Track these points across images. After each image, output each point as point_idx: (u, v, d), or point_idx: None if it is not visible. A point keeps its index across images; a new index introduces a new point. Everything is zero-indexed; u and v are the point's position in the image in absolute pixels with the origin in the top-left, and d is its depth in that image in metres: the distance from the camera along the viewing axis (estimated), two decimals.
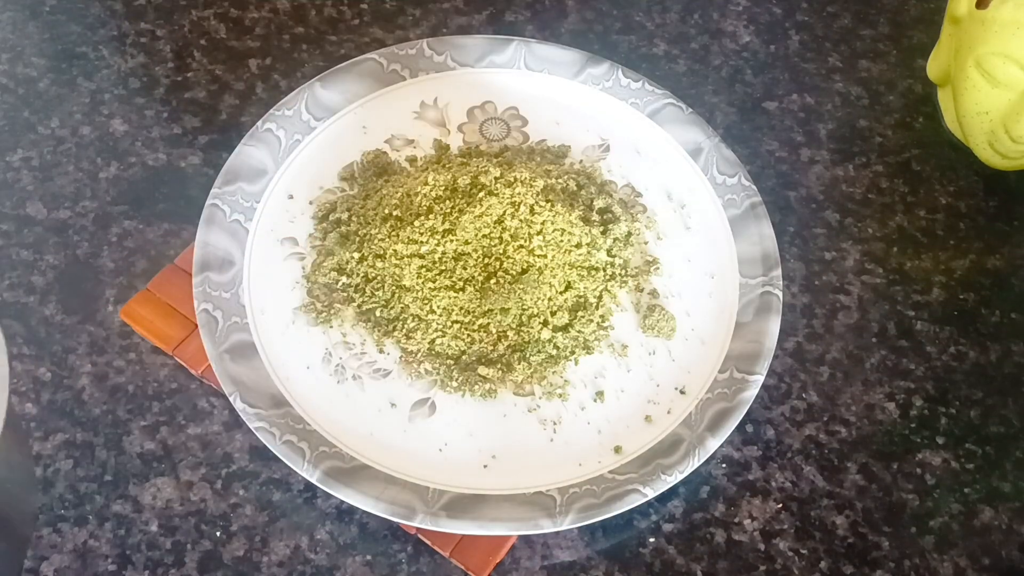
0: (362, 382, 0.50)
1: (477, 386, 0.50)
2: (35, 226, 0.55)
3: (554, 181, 0.54)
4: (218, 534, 0.47)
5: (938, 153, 0.62)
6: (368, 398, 0.50)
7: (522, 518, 0.46)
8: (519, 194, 0.52)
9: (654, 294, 0.54)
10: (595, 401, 0.50)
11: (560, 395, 0.50)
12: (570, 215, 0.52)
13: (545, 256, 0.52)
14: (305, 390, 0.49)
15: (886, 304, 0.56)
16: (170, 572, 0.46)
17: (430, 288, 0.51)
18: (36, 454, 0.49)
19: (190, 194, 0.56)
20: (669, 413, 0.50)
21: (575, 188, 0.55)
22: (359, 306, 0.52)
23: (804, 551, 0.49)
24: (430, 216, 0.52)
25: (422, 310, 0.51)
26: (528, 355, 0.50)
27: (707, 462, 0.49)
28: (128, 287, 0.53)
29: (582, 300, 0.52)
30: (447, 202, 0.52)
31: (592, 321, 0.52)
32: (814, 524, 0.49)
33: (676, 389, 0.51)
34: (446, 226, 0.51)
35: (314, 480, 0.46)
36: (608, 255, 0.54)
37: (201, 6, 0.64)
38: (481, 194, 0.52)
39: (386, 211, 0.53)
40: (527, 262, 0.52)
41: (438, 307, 0.51)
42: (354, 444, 0.48)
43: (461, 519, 0.46)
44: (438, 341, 0.50)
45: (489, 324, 0.51)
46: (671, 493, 0.49)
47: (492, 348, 0.51)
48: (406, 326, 0.51)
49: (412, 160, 0.57)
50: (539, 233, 0.52)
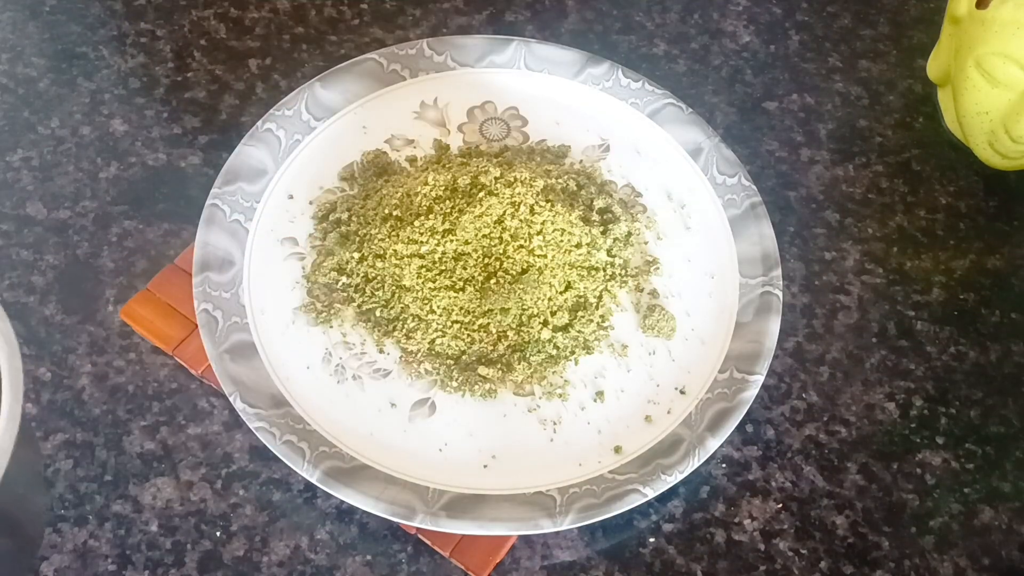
0: (362, 382, 0.50)
1: (477, 386, 0.50)
2: (35, 226, 0.55)
3: (554, 181, 0.54)
4: (218, 534, 0.47)
5: (938, 153, 0.62)
6: (368, 398, 0.50)
7: (522, 518, 0.46)
8: (519, 194, 0.52)
9: (654, 294, 0.54)
10: (595, 401, 0.50)
11: (560, 395, 0.50)
12: (570, 215, 0.52)
13: (545, 256, 0.52)
14: (305, 390, 0.49)
15: (886, 304, 0.56)
16: (170, 572, 0.46)
17: (430, 288, 0.51)
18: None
19: (190, 194, 0.56)
20: (669, 413, 0.50)
21: (575, 188, 0.55)
22: (359, 306, 0.52)
23: (804, 551, 0.49)
24: (430, 216, 0.52)
25: (422, 310, 0.51)
26: (528, 355, 0.50)
27: (707, 462, 0.49)
28: (128, 287, 0.53)
29: (582, 300, 0.52)
30: (447, 202, 0.52)
31: (592, 321, 0.52)
32: (814, 524, 0.49)
33: (676, 389, 0.51)
34: (446, 226, 0.51)
35: (314, 480, 0.46)
36: (608, 255, 0.54)
37: (201, 6, 0.64)
38: (481, 194, 0.52)
39: (386, 211, 0.53)
40: (527, 262, 0.52)
41: (438, 307, 0.51)
42: (354, 444, 0.48)
43: (461, 519, 0.46)
44: (438, 341, 0.50)
45: (489, 324, 0.51)
46: (671, 493, 0.49)
47: (492, 348, 0.51)
48: (406, 326, 0.51)
49: (412, 160, 0.57)
50: (539, 233, 0.52)
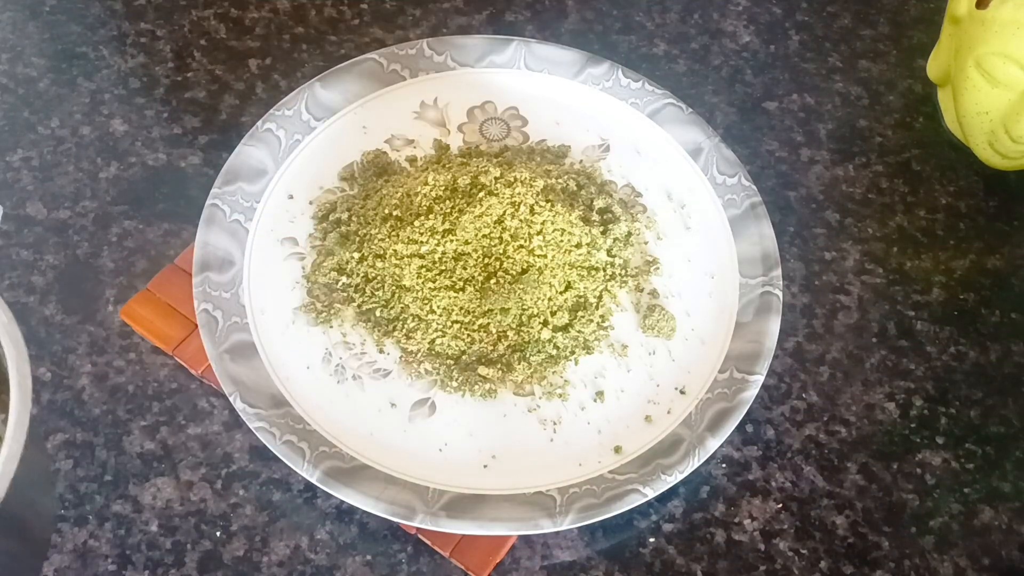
0: (362, 382, 0.50)
1: (477, 386, 0.50)
2: (35, 226, 0.55)
3: (554, 181, 0.54)
4: (218, 534, 0.47)
5: (938, 153, 0.62)
6: (368, 398, 0.50)
7: (522, 518, 0.46)
8: (519, 194, 0.52)
9: (654, 294, 0.54)
10: (595, 401, 0.50)
11: (560, 395, 0.50)
12: (570, 215, 0.52)
13: (545, 256, 0.52)
14: (305, 390, 0.49)
15: (886, 304, 0.56)
16: (170, 572, 0.46)
17: (430, 288, 0.51)
18: None
19: (190, 194, 0.56)
20: (669, 413, 0.50)
21: (575, 188, 0.55)
22: (359, 306, 0.52)
23: (804, 551, 0.49)
24: (430, 216, 0.52)
25: (422, 310, 0.51)
26: (528, 355, 0.50)
27: (707, 462, 0.49)
28: (128, 287, 0.53)
29: (582, 300, 0.52)
30: (447, 202, 0.52)
31: (592, 321, 0.52)
32: (814, 524, 0.49)
33: (676, 389, 0.51)
34: (446, 226, 0.51)
35: (314, 480, 0.46)
36: (608, 255, 0.54)
37: (201, 6, 0.64)
38: (481, 194, 0.52)
39: (386, 211, 0.53)
40: (527, 262, 0.52)
41: (438, 307, 0.51)
42: (354, 444, 0.48)
43: (461, 519, 0.46)
44: (438, 341, 0.50)
45: (489, 324, 0.51)
46: (671, 493, 0.49)
47: (492, 348, 0.51)
48: (406, 326, 0.51)
49: (412, 160, 0.57)
50: (539, 233, 0.52)
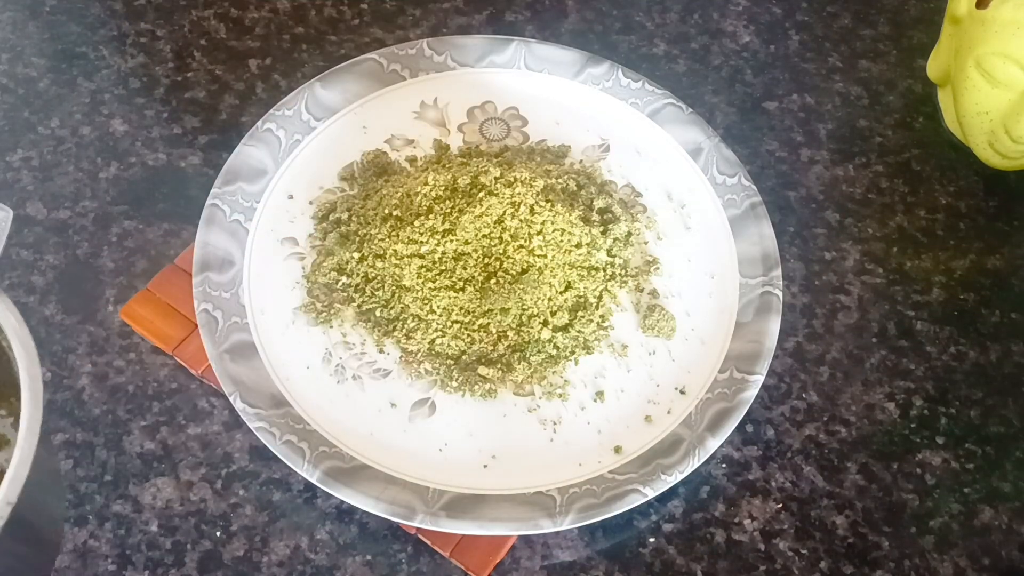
0: (362, 382, 0.50)
1: (477, 386, 0.50)
2: (35, 226, 0.55)
3: (554, 181, 0.54)
4: (218, 534, 0.47)
5: (938, 153, 0.62)
6: (368, 398, 0.50)
7: (522, 518, 0.46)
8: (519, 194, 0.52)
9: (654, 294, 0.54)
10: (595, 401, 0.50)
11: (560, 395, 0.50)
12: (570, 215, 0.52)
13: (545, 256, 0.52)
14: (305, 390, 0.49)
15: (886, 304, 0.56)
16: (170, 572, 0.46)
17: (430, 288, 0.51)
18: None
19: (190, 194, 0.56)
20: (669, 413, 0.50)
21: (575, 188, 0.55)
22: (359, 306, 0.52)
23: (804, 551, 0.49)
24: (430, 216, 0.52)
25: (422, 310, 0.51)
26: (528, 355, 0.50)
27: (707, 462, 0.49)
28: (128, 287, 0.53)
29: (582, 300, 0.52)
30: (447, 202, 0.52)
31: (592, 321, 0.52)
32: (814, 524, 0.49)
33: (676, 389, 0.51)
34: (446, 226, 0.51)
35: (314, 480, 0.46)
36: (608, 255, 0.54)
37: (201, 6, 0.64)
38: (481, 194, 0.52)
39: (386, 211, 0.53)
40: (527, 262, 0.52)
41: (438, 307, 0.51)
42: (354, 444, 0.48)
43: (461, 519, 0.46)
44: (438, 341, 0.50)
45: (489, 324, 0.51)
46: (671, 493, 0.49)
47: (492, 348, 0.51)
48: (406, 326, 0.51)
49: (412, 160, 0.57)
50: (539, 233, 0.52)
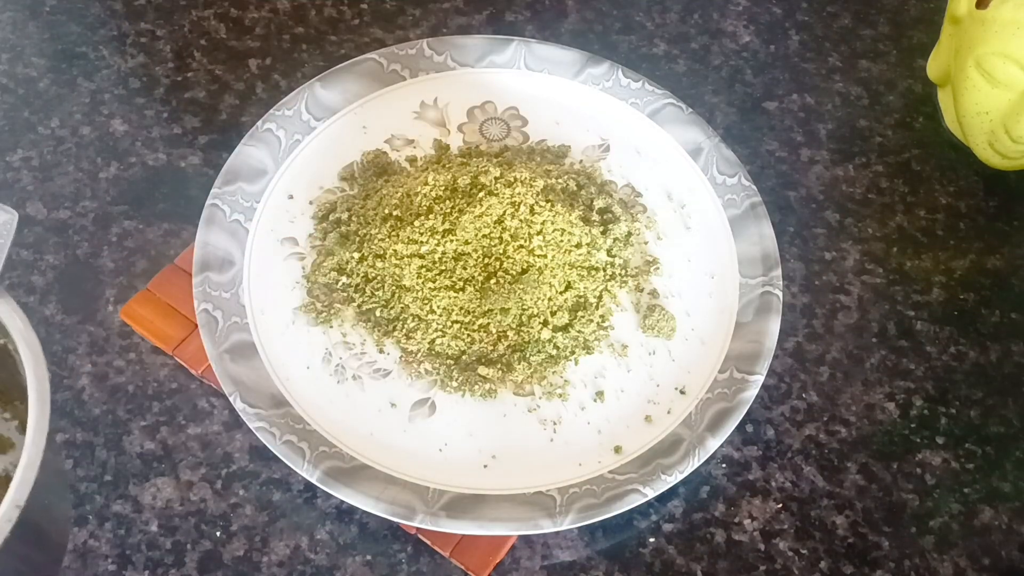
0: (362, 382, 0.50)
1: (477, 386, 0.50)
2: (35, 226, 0.55)
3: (554, 181, 0.54)
4: (218, 534, 0.47)
5: (938, 153, 0.62)
6: (368, 398, 0.50)
7: (522, 518, 0.46)
8: (519, 194, 0.52)
9: (654, 294, 0.54)
10: (595, 401, 0.50)
11: (560, 395, 0.50)
12: (570, 215, 0.52)
13: (545, 256, 0.52)
14: (305, 390, 0.49)
15: (886, 304, 0.56)
16: (170, 572, 0.46)
17: (430, 288, 0.51)
18: None
19: (190, 194, 0.56)
20: (669, 413, 0.50)
21: (575, 188, 0.55)
22: (359, 306, 0.52)
23: (804, 551, 0.49)
24: (430, 216, 0.52)
25: (422, 310, 0.51)
26: (528, 355, 0.50)
27: (707, 462, 0.49)
28: (128, 287, 0.53)
29: (582, 300, 0.52)
30: (447, 202, 0.52)
31: (592, 321, 0.52)
32: (814, 524, 0.49)
33: (676, 389, 0.51)
34: (446, 226, 0.51)
35: (314, 480, 0.46)
36: (608, 255, 0.54)
37: (201, 6, 0.64)
38: (481, 194, 0.52)
39: (386, 211, 0.53)
40: (527, 262, 0.52)
41: (438, 307, 0.51)
42: (354, 444, 0.48)
43: (461, 519, 0.46)
44: (438, 341, 0.50)
45: (489, 324, 0.51)
46: (671, 493, 0.49)
47: (492, 348, 0.51)
48: (406, 326, 0.51)
49: (412, 160, 0.57)
50: (539, 233, 0.52)
